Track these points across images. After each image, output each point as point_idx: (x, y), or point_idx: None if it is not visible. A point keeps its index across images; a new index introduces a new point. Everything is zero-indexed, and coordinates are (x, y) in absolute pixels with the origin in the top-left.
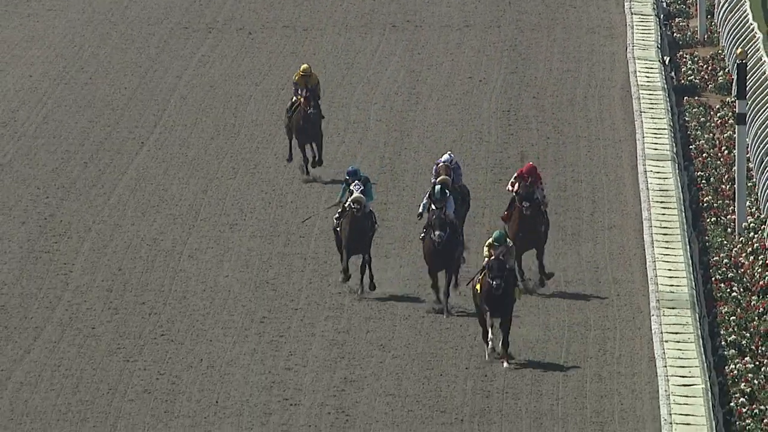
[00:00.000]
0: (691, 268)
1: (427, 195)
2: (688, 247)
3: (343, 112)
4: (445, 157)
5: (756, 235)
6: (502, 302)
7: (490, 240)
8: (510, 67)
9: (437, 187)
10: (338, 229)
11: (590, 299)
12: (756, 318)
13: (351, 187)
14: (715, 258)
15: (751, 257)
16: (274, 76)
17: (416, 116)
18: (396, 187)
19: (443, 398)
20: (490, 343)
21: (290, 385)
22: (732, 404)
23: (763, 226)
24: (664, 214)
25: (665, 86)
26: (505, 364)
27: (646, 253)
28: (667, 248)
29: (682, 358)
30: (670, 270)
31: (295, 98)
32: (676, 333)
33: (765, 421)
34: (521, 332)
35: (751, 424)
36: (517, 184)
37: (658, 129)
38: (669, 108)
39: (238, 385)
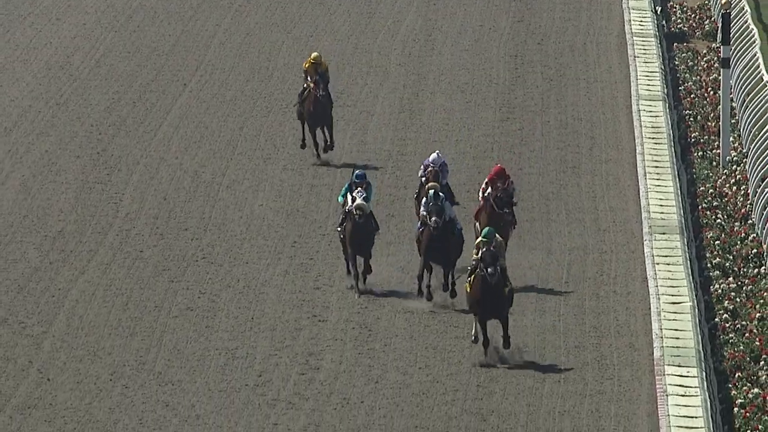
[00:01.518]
0: (680, 198)
1: (423, 200)
2: (677, 178)
3: (366, 57)
4: (433, 156)
5: (738, 168)
6: (496, 297)
7: (480, 238)
8: (517, 16)
9: (430, 192)
10: (342, 233)
11: (589, 226)
12: (738, 242)
13: (354, 194)
14: (701, 188)
15: (734, 187)
16: (304, 25)
17: (432, 61)
18: (414, 124)
19: (457, 313)
20: (483, 346)
21: (318, 303)
22: (717, 320)
23: (744, 159)
24: (655, 149)
25: (657, 33)
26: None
27: (639, 184)
28: (659, 179)
29: (671, 279)
30: (661, 199)
31: (305, 84)
32: (667, 256)
33: (746, 335)
34: (526, 257)
35: (734, 338)
36: (489, 189)
37: (650, 72)
38: (660, 53)
39: (272, 303)
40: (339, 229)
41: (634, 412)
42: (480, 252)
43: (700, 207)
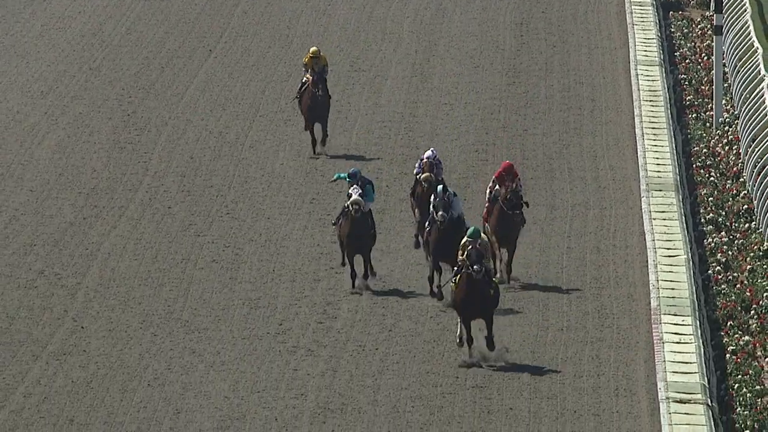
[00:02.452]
0: (675, 157)
1: (431, 202)
2: (672, 138)
3: (380, 25)
4: (428, 153)
5: (730, 129)
6: (481, 298)
7: (465, 237)
8: None
9: (439, 187)
10: (338, 229)
11: (590, 183)
12: (730, 199)
13: (350, 190)
14: (695, 148)
15: (727, 147)
16: None
17: (442, 28)
18: (425, 87)
19: None
20: (467, 344)
21: (336, 256)
22: (710, 272)
23: (736, 121)
24: (652, 111)
25: (654, 2)
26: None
27: (637, 144)
28: (655, 140)
29: (667, 233)
30: (657, 158)
31: (304, 79)
32: (663, 212)
33: (737, 286)
34: (531, 213)
35: (726, 289)
36: (497, 187)
37: (648, 39)
38: (657, 21)
39: (292, 256)
40: (334, 224)
41: (632, 358)
42: (465, 251)
43: (694, 165)
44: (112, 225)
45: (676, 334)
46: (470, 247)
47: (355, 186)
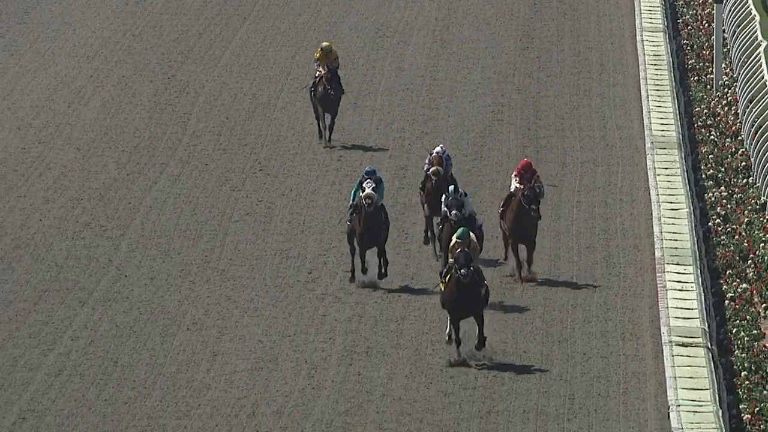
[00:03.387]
0: (678, 117)
1: (443, 201)
2: (675, 100)
3: None
4: (438, 149)
5: (729, 90)
6: (470, 298)
7: (454, 239)
8: None
9: (451, 187)
10: (350, 224)
11: (598, 141)
12: (729, 156)
13: (363, 185)
14: (697, 109)
15: (726, 108)
16: None
17: None
18: (444, 52)
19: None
20: (455, 345)
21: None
22: (710, 224)
23: (735, 83)
24: (656, 74)
25: None
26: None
27: (642, 105)
28: (659, 101)
29: (670, 188)
30: (661, 118)
31: (317, 73)
32: (666, 168)
33: (736, 237)
34: (543, 169)
35: (725, 240)
36: (517, 182)
37: (653, 6)
38: None
39: (320, 210)
40: (349, 222)
41: (638, 305)
42: (455, 253)
43: (695, 125)
44: (153, 180)
45: (678, 282)
46: (459, 249)
47: (369, 180)
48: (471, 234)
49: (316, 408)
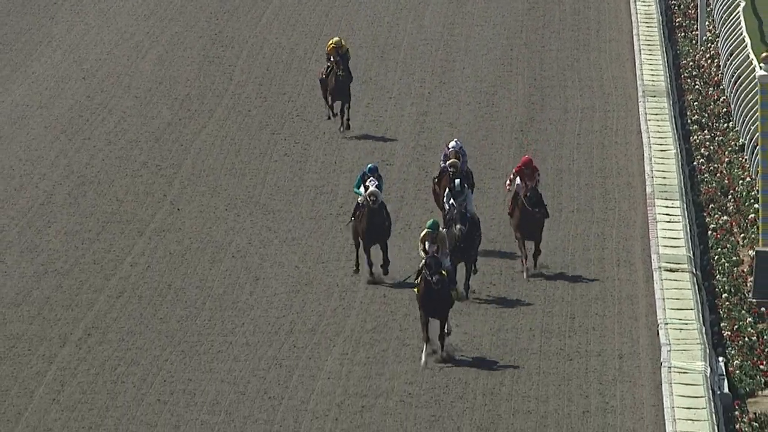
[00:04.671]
0: (666, 69)
1: (446, 197)
2: (664, 53)
3: None
4: (453, 143)
5: (712, 45)
6: (439, 301)
7: (425, 229)
8: None
9: (456, 181)
10: (355, 222)
11: (596, 90)
12: (712, 103)
13: (367, 183)
14: (683, 61)
15: (709, 61)
16: None
17: None
18: (460, 11)
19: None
20: (427, 345)
21: (387, 150)
22: (695, 163)
23: (717, 39)
24: (648, 31)
25: None
26: (443, 353)
27: (635, 58)
28: (650, 54)
29: (660, 131)
30: (652, 70)
31: (328, 64)
32: (656, 114)
33: (717, 175)
34: (547, 115)
35: (708, 177)
36: (518, 181)
37: None
38: None
39: (351, 151)
40: (352, 219)
41: (631, 235)
42: (425, 246)
43: (682, 76)
44: (203, 125)
45: (667, 214)
46: (429, 253)
47: (371, 178)
48: (440, 227)
49: (346, 326)
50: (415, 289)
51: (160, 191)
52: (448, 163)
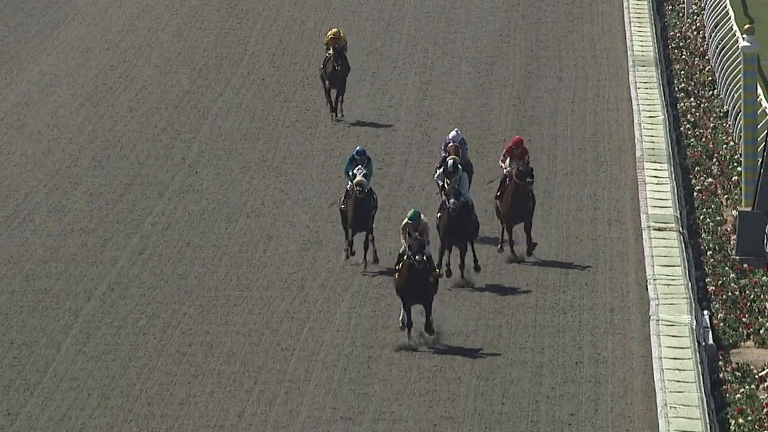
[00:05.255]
0: (655, 40)
1: (441, 169)
2: (653, 25)
3: None
4: (453, 134)
5: (698, 17)
6: (421, 284)
7: (405, 219)
8: None
9: (449, 161)
10: (343, 208)
11: (589, 60)
12: (697, 72)
13: (354, 171)
14: (671, 33)
15: (695, 32)
16: None
17: None
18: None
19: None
20: (407, 328)
21: (392, 117)
22: (681, 129)
23: (702, 11)
24: (637, 4)
25: None
26: (429, 337)
27: (626, 30)
28: (640, 26)
29: (649, 98)
30: (641, 40)
31: (327, 54)
32: (646, 82)
33: (703, 139)
34: (543, 84)
35: (694, 142)
36: (509, 160)
37: None
38: None
39: (359, 117)
40: (342, 206)
41: (621, 196)
42: (407, 235)
43: (670, 46)
44: (219, 93)
45: (655, 177)
46: (411, 236)
47: (359, 167)
48: (422, 216)
49: (354, 282)
50: (395, 275)
51: (179, 155)
52: (448, 158)
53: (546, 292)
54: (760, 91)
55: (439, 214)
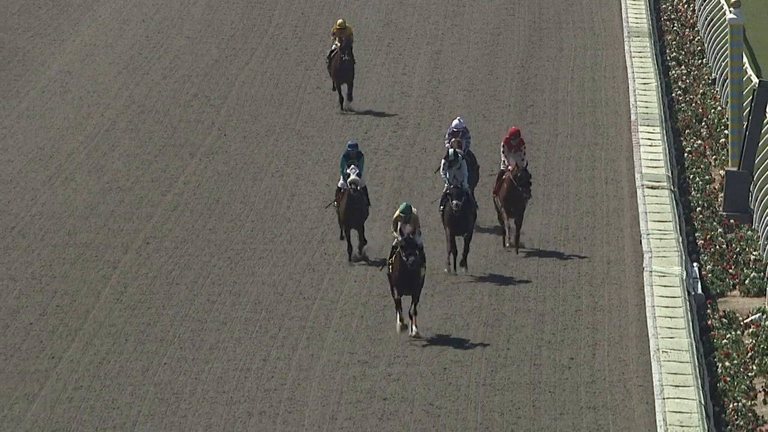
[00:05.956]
0: (649, 11)
1: (443, 157)
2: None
3: None
4: (456, 122)
5: None
6: (411, 279)
7: (397, 212)
8: None
9: (450, 150)
10: (337, 205)
11: (587, 32)
12: (688, 42)
13: (348, 170)
14: (663, 5)
15: (686, 5)
16: None
17: None
18: None
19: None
20: (400, 321)
21: (405, 83)
22: (673, 95)
23: None
24: None
25: None
26: (414, 330)
27: (621, 3)
28: (634, 0)
29: (643, 67)
30: (636, 13)
31: (333, 46)
32: (640, 52)
33: (693, 105)
34: (546, 53)
35: (684, 107)
36: (508, 157)
37: None
38: None
39: (374, 84)
40: (336, 203)
41: (617, 157)
42: (398, 228)
43: (662, 18)
44: (246, 62)
45: (649, 139)
46: (403, 231)
47: (353, 166)
48: (413, 209)
49: (370, 236)
50: (389, 267)
51: (209, 119)
52: (449, 147)
53: (547, 245)
54: (745, 59)
55: (441, 207)
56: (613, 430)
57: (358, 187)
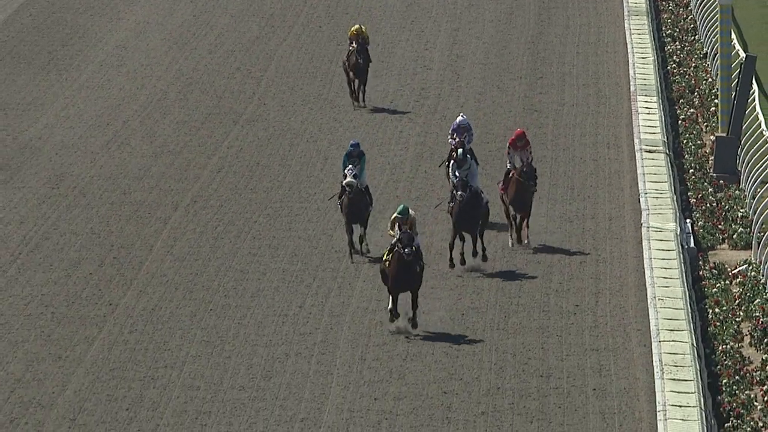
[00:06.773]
0: None
1: (450, 168)
2: None
3: None
4: (459, 119)
5: None
6: (409, 274)
7: (395, 214)
8: None
9: (459, 150)
10: (339, 205)
11: (591, 11)
12: (682, 20)
13: (346, 171)
14: None
15: None
16: None
17: None
18: None
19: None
20: (395, 319)
21: (426, 57)
22: (668, 67)
23: None
24: None
25: None
26: (413, 325)
27: None
28: None
29: (641, 42)
30: None
31: (350, 48)
32: (638, 28)
33: (686, 76)
34: (553, 30)
35: (679, 78)
36: (513, 157)
37: None
38: None
39: (399, 58)
40: (339, 202)
41: (618, 123)
42: (395, 227)
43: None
44: (283, 38)
45: (646, 108)
46: (401, 229)
47: (350, 167)
48: (411, 211)
49: (396, 197)
50: (385, 263)
51: (250, 90)
52: (456, 143)
53: (555, 203)
54: (733, 36)
55: (451, 204)
56: (614, 369)
57: (353, 189)
